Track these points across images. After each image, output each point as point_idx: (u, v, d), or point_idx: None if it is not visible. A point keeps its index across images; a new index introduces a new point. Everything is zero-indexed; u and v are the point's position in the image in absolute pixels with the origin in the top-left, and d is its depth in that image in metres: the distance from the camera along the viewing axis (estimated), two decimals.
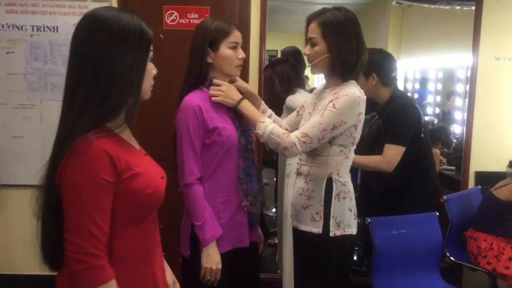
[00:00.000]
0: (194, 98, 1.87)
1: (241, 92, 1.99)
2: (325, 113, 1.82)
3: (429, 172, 2.77)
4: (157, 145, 2.42)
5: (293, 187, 2.07)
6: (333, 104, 1.82)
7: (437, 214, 2.48)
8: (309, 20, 1.92)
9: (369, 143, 2.60)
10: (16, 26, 2.94)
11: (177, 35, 3.00)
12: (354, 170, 2.72)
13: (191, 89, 1.92)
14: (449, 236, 2.63)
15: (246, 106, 1.93)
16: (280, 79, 3.18)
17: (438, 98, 5.73)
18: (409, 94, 6.63)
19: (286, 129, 2.12)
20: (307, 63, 1.99)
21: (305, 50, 1.94)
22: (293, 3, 8.07)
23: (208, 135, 1.86)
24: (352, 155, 1.95)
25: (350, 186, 1.94)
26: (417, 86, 6.43)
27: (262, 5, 2.97)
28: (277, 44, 5.16)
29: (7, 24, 2.93)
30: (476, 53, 3.08)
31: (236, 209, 1.93)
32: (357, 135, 1.91)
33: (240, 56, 1.92)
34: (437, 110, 5.73)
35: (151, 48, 1.29)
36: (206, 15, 3.01)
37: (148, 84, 1.32)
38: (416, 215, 2.44)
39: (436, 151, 3.91)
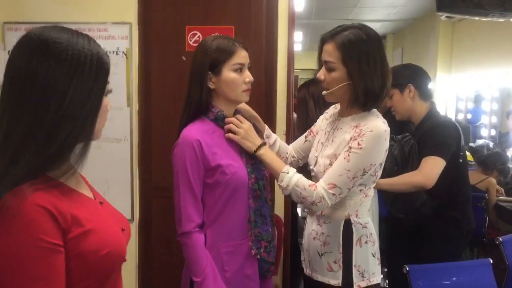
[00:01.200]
0: (193, 131, 1.63)
1: (245, 117, 1.77)
2: (352, 157, 1.56)
3: (465, 208, 2.42)
4: None
5: (304, 228, 1.81)
6: (358, 144, 1.56)
7: (491, 261, 2.11)
8: (324, 40, 1.66)
9: (400, 165, 2.29)
10: None
11: None
12: (382, 199, 2.41)
13: (191, 120, 1.68)
14: (507, 285, 2.24)
15: (267, 153, 1.68)
16: (315, 101, 2.94)
17: (494, 119, 5.26)
18: (461, 115, 6.18)
19: (293, 156, 1.93)
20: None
21: (320, 74, 1.67)
22: (337, 21, 7.81)
23: (210, 174, 1.62)
24: (371, 192, 1.69)
25: (371, 227, 1.68)
26: (470, 105, 5.97)
27: (290, 24, 2.74)
28: None
29: None
30: None
31: (245, 260, 1.66)
32: (380, 172, 1.66)
33: (247, 80, 1.67)
34: (493, 132, 5.26)
35: (108, 80, 1.06)
36: (232, 35, 2.81)
37: (102, 122, 1.08)
38: (466, 262, 2.11)
39: (491, 180, 3.51)
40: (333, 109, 1.86)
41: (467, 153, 4.57)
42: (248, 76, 1.68)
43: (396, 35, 9.22)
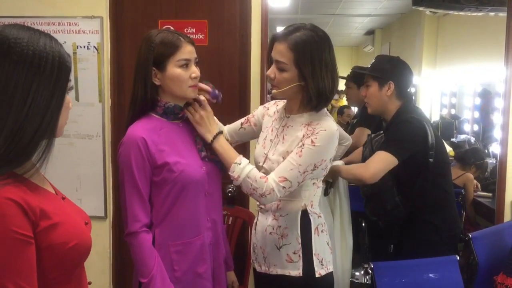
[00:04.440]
0: (138, 129, 1.58)
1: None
2: (304, 152, 1.58)
3: (444, 212, 2.28)
4: None
5: (254, 225, 1.81)
6: (312, 141, 1.59)
7: (457, 258, 2.09)
8: (276, 39, 1.64)
9: None
10: None
11: None
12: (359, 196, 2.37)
13: (137, 117, 1.63)
14: (476, 282, 2.23)
15: (222, 143, 1.67)
16: None
17: (476, 114, 5.24)
18: (444, 110, 6.15)
19: (226, 139, 1.90)
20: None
21: (270, 72, 1.66)
22: (324, 16, 7.81)
23: (157, 172, 1.58)
24: (321, 183, 1.74)
25: (323, 217, 1.74)
26: (453, 100, 5.96)
27: (263, 18, 2.70)
28: None
29: None
30: (510, 63, 2.68)
31: (196, 258, 1.63)
32: (330, 165, 1.71)
33: (193, 75, 1.61)
34: (476, 127, 5.24)
35: (70, 78, 1.07)
36: (205, 30, 2.78)
37: (64, 120, 1.09)
38: (431, 259, 2.05)
39: (469, 176, 3.50)
40: (274, 106, 1.85)
41: (450, 149, 4.59)
42: (194, 71, 1.62)
43: (384, 30, 9.21)
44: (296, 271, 1.66)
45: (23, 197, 0.98)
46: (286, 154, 1.65)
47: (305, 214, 1.69)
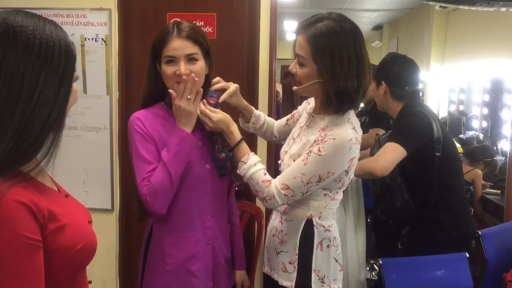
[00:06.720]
0: (137, 113, 1.60)
1: (225, 109, 1.67)
2: (309, 160, 1.46)
3: (455, 210, 2.23)
4: None
5: (269, 222, 1.76)
6: (319, 150, 1.45)
7: (467, 255, 2.07)
8: (297, 31, 1.53)
9: None
10: None
11: None
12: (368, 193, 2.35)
13: (148, 105, 1.65)
14: (485, 279, 2.21)
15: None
16: None
17: (485, 111, 5.19)
18: (452, 107, 6.10)
19: (275, 136, 1.89)
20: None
21: (292, 67, 1.55)
22: (332, 10, 7.71)
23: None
24: (340, 196, 1.59)
25: (335, 230, 1.58)
26: (462, 96, 5.91)
27: (272, 11, 2.68)
28: None
29: None
30: None
31: (189, 255, 1.60)
32: (348, 178, 1.55)
33: (177, 72, 1.53)
34: (484, 124, 5.19)
35: (75, 67, 1.02)
36: (213, 23, 2.76)
37: (69, 109, 1.04)
38: (441, 256, 2.04)
39: (477, 172, 3.48)
40: (311, 104, 1.74)
41: (458, 145, 4.55)
42: (179, 68, 1.53)
43: (392, 25, 9.16)
44: (288, 282, 1.57)
45: (32, 199, 0.93)
46: (296, 157, 1.54)
47: (309, 225, 1.56)
